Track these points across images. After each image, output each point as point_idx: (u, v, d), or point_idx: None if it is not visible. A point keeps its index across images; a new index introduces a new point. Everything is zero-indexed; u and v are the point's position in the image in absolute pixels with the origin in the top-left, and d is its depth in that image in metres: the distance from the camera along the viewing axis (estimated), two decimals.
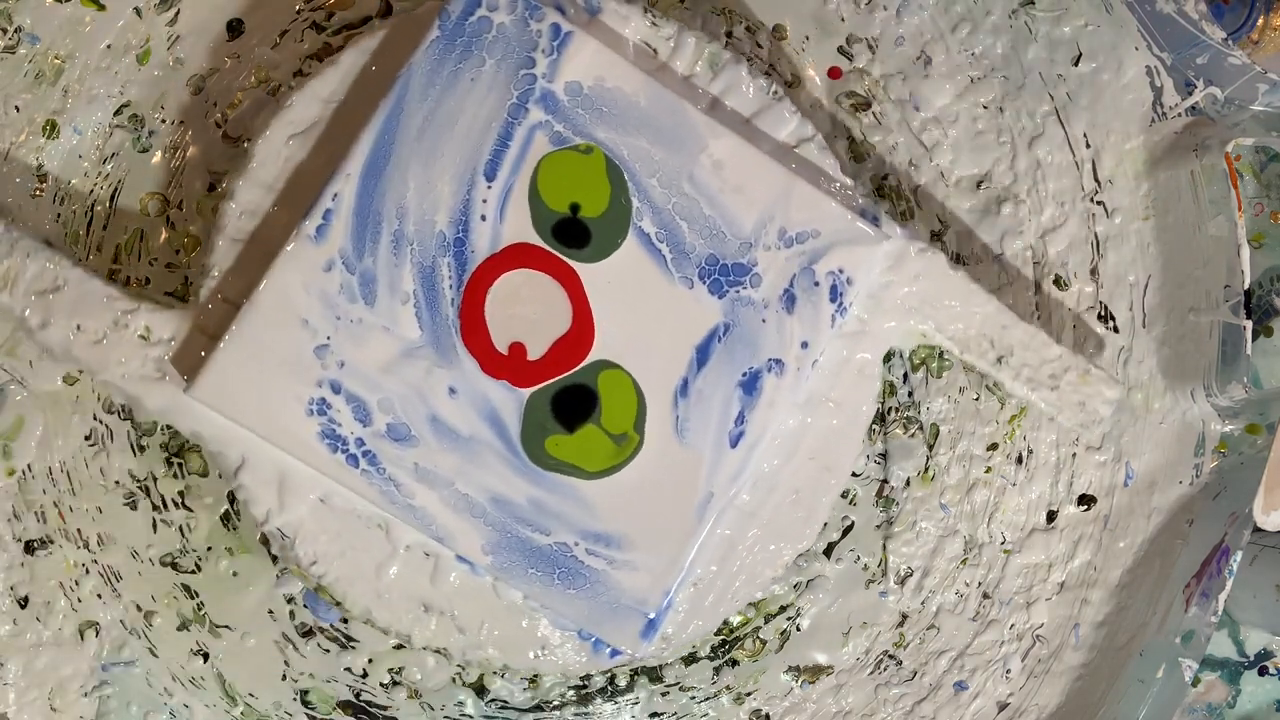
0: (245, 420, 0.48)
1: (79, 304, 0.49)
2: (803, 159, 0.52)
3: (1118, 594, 0.59)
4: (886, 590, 0.57)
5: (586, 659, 0.52)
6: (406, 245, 0.48)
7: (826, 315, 0.51)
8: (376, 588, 0.50)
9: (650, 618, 0.50)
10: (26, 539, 0.53)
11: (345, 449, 0.48)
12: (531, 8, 0.49)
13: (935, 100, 0.58)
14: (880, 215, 0.52)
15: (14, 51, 0.53)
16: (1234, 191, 0.56)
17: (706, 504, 0.50)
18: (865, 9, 0.57)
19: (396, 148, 0.48)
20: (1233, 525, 0.55)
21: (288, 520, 0.50)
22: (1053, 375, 0.54)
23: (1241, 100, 0.57)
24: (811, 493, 0.53)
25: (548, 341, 0.49)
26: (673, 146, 0.50)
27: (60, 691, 0.53)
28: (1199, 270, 0.58)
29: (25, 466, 0.53)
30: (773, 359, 0.51)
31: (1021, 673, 0.58)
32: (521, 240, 0.49)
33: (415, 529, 0.49)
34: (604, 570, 0.50)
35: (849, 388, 0.53)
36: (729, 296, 0.50)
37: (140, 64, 0.54)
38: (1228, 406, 0.58)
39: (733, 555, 0.52)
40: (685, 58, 0.52)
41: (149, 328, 0.49)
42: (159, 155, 0.54)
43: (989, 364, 0.54)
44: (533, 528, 0.49)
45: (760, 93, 0.52)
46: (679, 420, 0.50)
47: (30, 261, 0.49)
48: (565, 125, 0.49)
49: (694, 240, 0.50)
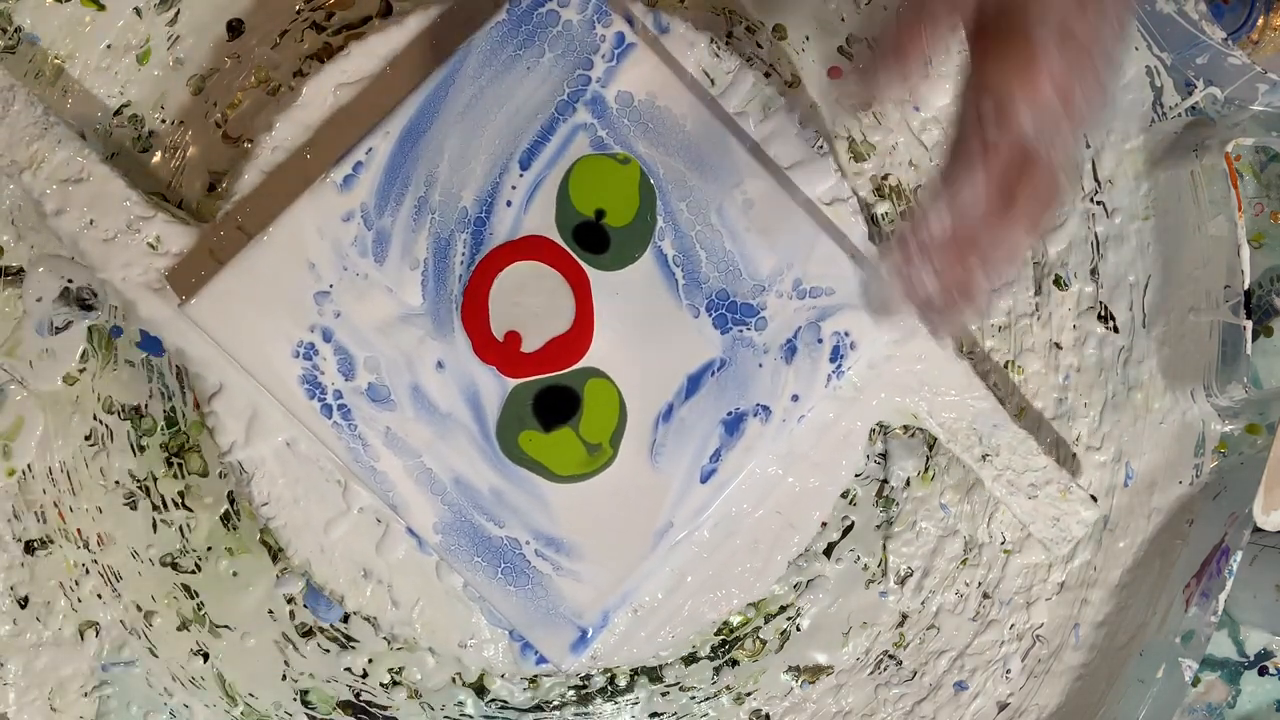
0: (232, 348, 0.48)
1: (97, 199, 0.49)
2: (831, 221, 0.52)
3: (1118, 594, 0.59)
4: (886, 590, 0.57)
5: (511, 661, 0.51)
6: (428, 213, 0.49)
7: (823, 374, 0.51)
8: (322, 542, 0.50)
9: (583, 632, 0.50)
10: (26, 539, 0.53)
11: (323, 398, 0.48)
12: (601, 12, 0.49)
13: (935, 100, 0.58)
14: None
15: (14, 51, 0.53)
16: (1234, 191, 0.56)
17: (665, 532, 0.50)
18: (865, 9, 0.57)
19: (440, 117, 0.48)
20: (1233, 525, 0.55)
21: (250, 456, 0.50)
22: (1033, 484, 0.54)
23: (1241, 100, 0.57)
24: (770, 546, 0.52)
25: (544, 338, 0.49)
26: (709, 176, 0.50)
27: (60, 691, 0.53)
28: (1199, 270, 0.58)
29: (25, 466, 0.53)
30: (760, 404, 0.51)
31: (1021, 673, 0.58)
32: (541, 234, 0.49)
33: (372, 492, 0.49)
34: (549, 575, 0.49)
35: (830, 451, 0.53)
36: (732, 334, 0.50)
37: (140, 64, 0.54)
38: (1228, 406, 0.58)
39: (680, 590, 0.52)
40: (740, 94, 0.52)
41: (160, 238, 0.50)
42: (159, 155, 0.54)
43: (973, 459, 0.54)
44: (488, 517, 0.49)
45: (805, 144, 0.52)
46: (656, 443, 0.50)
47: (60, 149, 0.49)
48: (608, 132, 0.49)
49: (709, 271, 0.50)
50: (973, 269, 0.38)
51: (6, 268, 0.53)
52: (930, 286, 0.38)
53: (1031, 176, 0.37)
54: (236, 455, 0.50)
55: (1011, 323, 0.58)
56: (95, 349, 0.54)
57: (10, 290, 0.53)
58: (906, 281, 0.38)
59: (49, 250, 0.53)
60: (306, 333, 0.48)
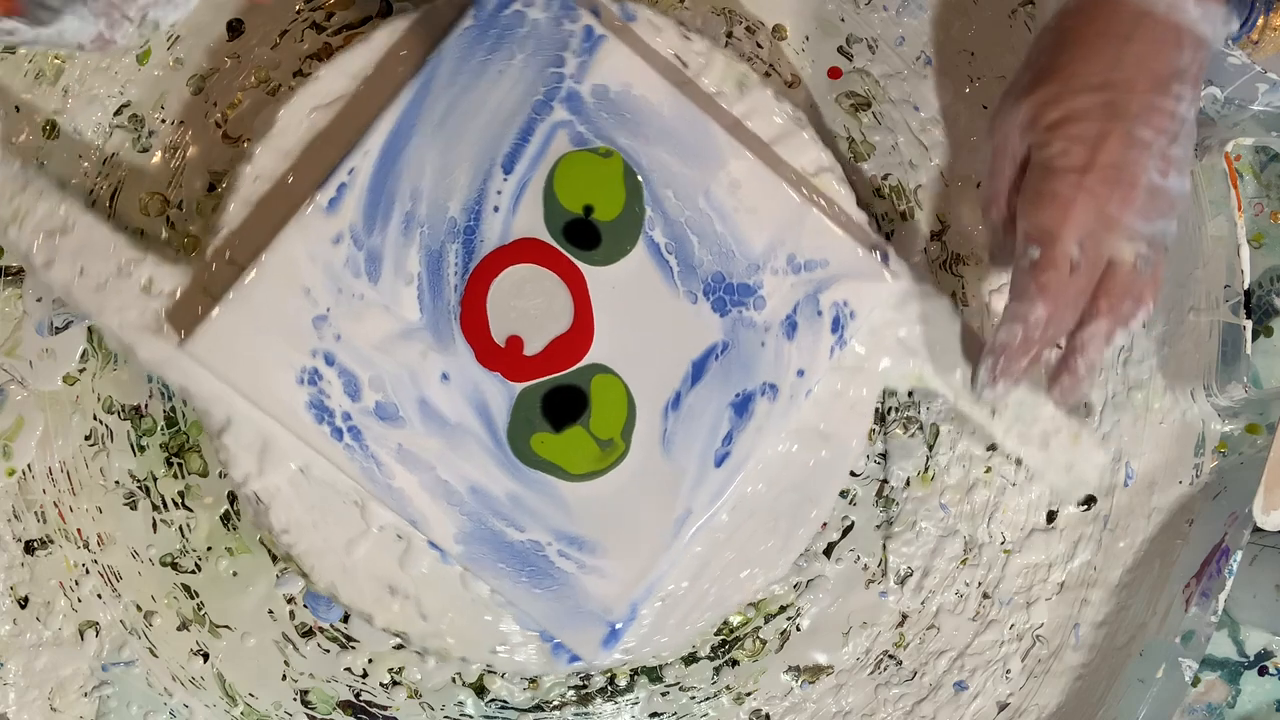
0: (236, 382, 0.48)
1: (85, 247, 0.49)
2: (819, 189, 0.52)
3: (1118, 594, 0.59)
4: (886, 590, 0.57)
5: (545, 661, 0.51)
6: (417, 227, 0.48)
7: (826, 345, 0.51)
8: (345, 563, 0.50)
9: (613, 627, 0.50)
10: (26, 539, 0.53)
11: (331, 421, 0.48)
12: (567, 7, 0.49)
13: (935, 100, 0.58)
14: (890, 253, 0.52)
15: (14, 51, 0.53)
16: (1234, 191, 0.56)
17: (684, 520, 0.50)
18: (865, 9, 0.57)
19: (418, 130, 0.48)
20: (1232, 525, 0.55)
21: (265, 485, 0.49)
22: (1044, 434, 0.54)
23: (1241, 100, 0.57)
24: (790, 522, 0.52)
25: (546, 339, 0.49)
26: (692, 161, 0.50)
27: (60, 691, 0.53)
28: (1199, 270, 0.58)
29: (25, 466, 0.53)
30: (767, 383, 0.51)
31: (1021, 673, 0.58)
32: (531, 235, 0.49)
33: (391, 510, 0.49)
34: (573, 573, 0.49)
35: (840, 422, 0.52)
36: (731, 316, 0.50)
37: (140, 64, 0.54)
38: (1227, 406, 0.58)
39: (704, 575, 0.52)
40: (714, 75, 0.52)
41: (152, 279, 0.49)
42: (159, 155, 0.54)
43: (982, 415, 0.54)
44: (507, 522, 0.49)
45: (784, 118, 0.52)
46: (666, 433, 0.50)
47: (41, 201, 0.49)
48: (587, 127, 0.49)
49: (703, 256, 0.50)
50: (1038, 357, 0.50)
51: (6, 268, 0.53)
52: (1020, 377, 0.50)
53: (1107, 282, 0.48)
54: (252, 487, 0.49)
55: None
56: (95, 349, 0.54)
57: (10, 290, 0.53)
58: (1002, 387, 0.50)
59: None
60: (309, 358, 0.48)
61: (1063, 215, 0.47)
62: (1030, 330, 0.48)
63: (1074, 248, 0.47)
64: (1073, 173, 0.47)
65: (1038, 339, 0.48)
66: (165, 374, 0.49)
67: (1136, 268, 0.48)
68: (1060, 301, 0.48)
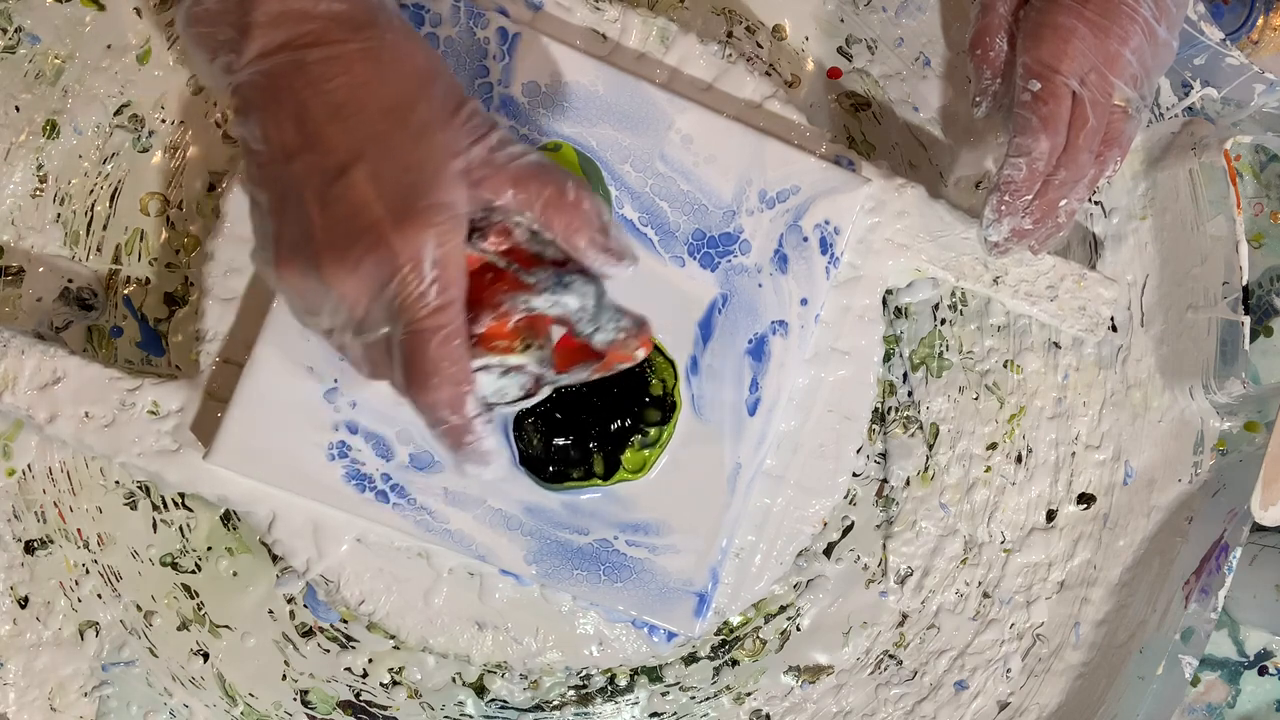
0: (268, 478, 0.47)
1: (82, 391, 0.49)
2: (770, 116, 0.53)
3: (1118, 592, 0.59)
4: (886, 590, 0.57)
5: (645, 647, 0.52)
6: None
7: (820, 269, 0.52)
8: (428, 615, 0.50)
9: (701, 596, 0.50)
10: (26, 539, 0.53)
11: (373, 486, 0.48)
12: (474, 15, 0.49)
13: (935, 100, 0.58)
14: (855, 160, 0.53)
15: (14, 51, 0.53)
16: (1233, 189, 0.56)
17: (735, 475, 0.51)
18: (865, 10, 0.58)
19: None
20: (1232, 522, 0.55)
21: (329, 566, 0.49)
22: (1050, 286, 0.55)
23: (1239, 101, 0.57)
24: (836, 443, 0.53)
25: None
26: (640, 129, 0.50)
27: (60, 691, 0.53)
28: (1197, 268, 0.58)
29: (25, 466, 0.53)
30: (775, 321, 0.51)
31: (1022, 672, 0.58)
32: None
33: (456, 552, 0.49)
34: (647, 559, 0.50)
35: (854, 335, 0.53)
36: (722, 267, 0.51)
37: (140, 64, 0.54)
38: (1226, 404, 0.58)
39: (769, 520, 0.52)
40: (633, 37, 0.52)
41: (156, 402, 0.49)
42: (159, 155, 0.54)
43: (986, 286, 0.55)
44: (570, 530, 0.49)
45: (714, 58, 0.52)
46: (695, 398, 0.50)
47: (26, 358, 0.48)
48: (529, 127, 0.49)
49: (677, 218, 0.50)
50: (1055, 203, 0.50)
51: (6, 268, 0.53)
52: (1028, 223, 0.50)
53: (1082, 118, 0.49)
54: (315, 571, 0.49)
55: (1011, 322, 0.58)
56: (95, 349, 0.53)
57: (10, 290, 0.53)
58: (1008, 224, 0.51)
59: (49, 250, 0.53)
60: (332, 433, 0.47)
61: (1064, 46, 0.48)
62: (1034, 163, 0.49)
63: (1074, 80, 0.48)
64: (1074, 2, 0.48)
65: (1041, 171, 0.49)
66: (199, 490, 0.49)
67: (1128, 113, 0.49)
68: (1061, 134, 0.49)
